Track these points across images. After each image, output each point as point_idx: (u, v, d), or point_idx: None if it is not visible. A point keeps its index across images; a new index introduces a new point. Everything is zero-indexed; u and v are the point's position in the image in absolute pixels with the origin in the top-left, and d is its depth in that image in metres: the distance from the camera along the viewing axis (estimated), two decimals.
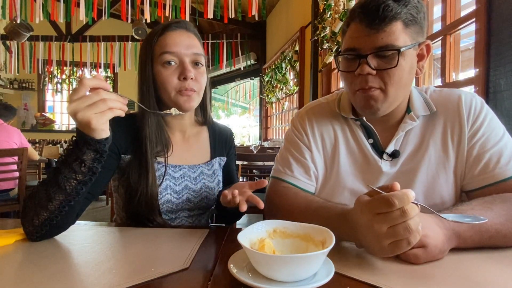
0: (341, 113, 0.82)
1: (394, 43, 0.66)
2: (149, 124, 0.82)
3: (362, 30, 0.68)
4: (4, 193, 2.60)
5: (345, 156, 0.80)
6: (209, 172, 0.92)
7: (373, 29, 0.66)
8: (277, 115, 5.44)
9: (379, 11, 0.65)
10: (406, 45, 0.67)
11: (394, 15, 0.65)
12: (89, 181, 0.62)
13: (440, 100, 0.77)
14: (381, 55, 0.67)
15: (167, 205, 0.84)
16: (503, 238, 0.58)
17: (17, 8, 3.93)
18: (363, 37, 0.67)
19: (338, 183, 0.79)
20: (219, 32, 6.00)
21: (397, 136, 0.76)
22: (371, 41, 0.67)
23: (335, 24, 2.56)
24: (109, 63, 5.57)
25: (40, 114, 6.60)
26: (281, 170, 0.83)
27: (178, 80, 0.80)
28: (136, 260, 0.54)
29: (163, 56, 0.80)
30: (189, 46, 0.82)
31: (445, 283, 0.46)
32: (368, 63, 0.67)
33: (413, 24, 0.68)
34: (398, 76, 0.68)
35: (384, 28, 0.66)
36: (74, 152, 0.60)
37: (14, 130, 2.76)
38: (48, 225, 0.62)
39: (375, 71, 0.68)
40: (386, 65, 0.67)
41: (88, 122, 0.56)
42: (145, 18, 3.68)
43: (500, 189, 0.67)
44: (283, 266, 0.44)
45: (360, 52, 0.68)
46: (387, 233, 0.49)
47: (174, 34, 0.82)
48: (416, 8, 0.67)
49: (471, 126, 0.73)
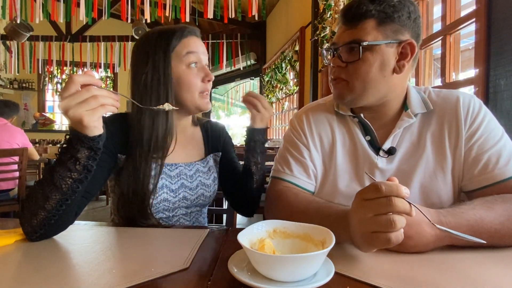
0: (340, 110, 0.83)
1: (362, 38, 0.71)
2: (154, 123, 0.82)
3: (341, 27, 0.76)
4: (4, 193, 2.60)
5: (342, 154, 0.81)
6: (204, 169, 0.93)
7: (347, 26, 0.74)
8: (277, 115, 5.43)
9: (352, 9, 0.72)
10: (378, 40, 0.70)
11: (365, 13, 0.71)
12: (84, 179, 0.62)
13: (438, 100, 0.78)
14: (349, 49, 0.73)
15: (164, 203, 0.84)
16: (503, 238, 0.58)
17: (17, 8, 3.93)
18: (340, 33, 0.75)
19: (335, 181, 0.80)
20: (219, 32, 5.99)
21: (394, 133, 0.77)
22: (344, 36, 0.74)
23: (335, 24, 2.55)
24: (109, 63, 5.56)
25: (40, 114, 6.60)
26: (280, 169, 0.84)
27: (202, 82, 0.83)
28: (136, 260, 0.54)
29: (189, 56, 0.82)
30: (204, 51, 0.87)
31: (445, 283, 0.46)
32: (339, 56, 0.74)
33: (389, 23, 0.71)
34: (364, 70, 0.72)
35: (356, 25, 0.72)
36: (68, 150, 0.60)
37: (17, 131, 2.75)
38: (47, 225, 0.62)
39: (345, 63, 0.73)
40: (352, 58, 0.72)
41: (80, 120, 0.56)
42: (145, 18, 3.67)
43: (499, 189, 0.67)
44: (283, 266, 0.44)
45: (335, 46, 0.76)
46: (370, 220, 0.49)
47: (194, 38, 0.86)
48: (393, 7, 0.71)
49: (468, 127, 0.73)
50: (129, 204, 0.80)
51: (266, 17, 4.89)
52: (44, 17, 3.85)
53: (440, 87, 1.69)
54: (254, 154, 0.93)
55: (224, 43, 5.21)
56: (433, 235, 0.56)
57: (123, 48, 5.32)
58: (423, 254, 0.56)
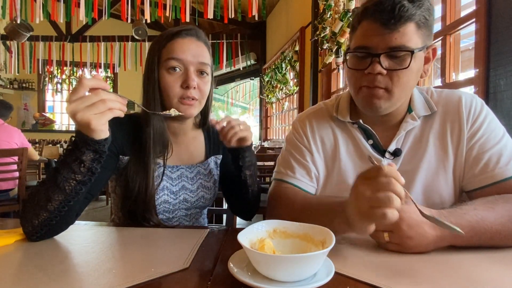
0: (339, 117, 0.82)
1: (407, 44, 0.65)
2: (153, 125, 0.82)
3: (376, 29, 0.66)
4: (4, 193, 2.60)
5: (345, 158, 0.81)
6: (205, 172, 0.93)
7: (387, 29, 0.65)
8: (277, 115, 5.44)
9: (395, 11, 0.64)
10: (418, 47, 0.67)
11: (409, 16, 0.64)
12: (88, 181, 0.62)
13: (440, 100, 0.77)
14: (393, 56, 0.67)
15: (164, 205, 0.85)
16: (504, 239, 0.58)
17: (17, 8, 3.93)
18: (377, 36, 0.66)
19: (339, 185, 0.80)
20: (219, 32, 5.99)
21: (399, 136, 0.76)
22: (385, 40, 0.66)
23: (335, 25, 2.56)
24: (109, 63, 5.57)
25: (40, 114, 6.60)
26: (282, 172, 0.84)
27: (180, 87, 0.80)
28: (136, 260, 0.54)
29: (168, 62, 0.80)
30: (196, 54, 0.81)
31: (445, 283, 0.46)
32: (380, 63, 0.67)
33: (425, 27, 0.67)
34: (407, 78, 0.68)
35: (398, 28, 0.65)
36: (73, 152, 0.60)
37: (14, 130, 2.76)
38: (48, 225, 0.62)
39: (386, 71, 0.67)
40: (397, 66, 0.67)
41: (87, 123, 0.56)
42: (145, 18, 3.68)
43: (500, 189, 0.67)
44: (283, 266, 0.44)
45: (372, 51, 0.67)
46: (368, 197, 0.50)
47: (183, 41, 0.82)
48: (428, 11, 0.67)
49: (470, 127, 0.73)
50: (134, 203, 0.80)
51: (266, 17, 4.90)
52: (44, 17, 3.86)
53: (440, 87, 1.69)
54: (250, 168, 0.89)
55: (224, 43, 5.21)
56: (434, 236, 0.56)
57: (123, 48, 5.32)
58: (423, 254, 0.56)
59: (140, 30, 4.49)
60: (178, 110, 0.80)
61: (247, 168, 0.88)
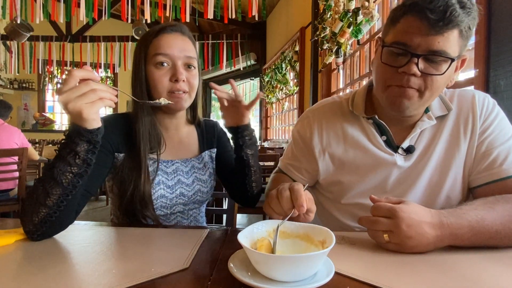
0: (354, 111, 0.83)
1: (448, 50, 0.64)
2: (143, 121, 0.84)
3: (421, 28, 0.63)
4: (4, 193, 2.60)
5: (356, 153, 0.81)
6: (200, 166, 0.95)
7: (432, 30, 0.62)
8: (277, 115, 5.43)
9: (446, 14, 0.61)
10: (455, 55, 0.65)
11: (458, 22, 0.62)
12: (84, 173, 0.63)
13: (455, 99, 0.78)
14: (431, 60, 0.65)
15: (161, 200, 0.85)
16: (503, 239, 0.58)
17: (17, 8, 3.93)
18: (419, 36, 0.64)
19: (350, 179, 0.81)
20: (219, 32, 5.99)
21: (414, 133, 0.77)
22: (427, 42, 0.63)
23: (335, 25, 2.56)
24: (109, 63, 5.57)
25: (40, 114, 6.60)
26: (280, 160, 0.93)
27: (169, 81, 0.82)
28: (136, 260, 0.54)
29: (156, 57, 0.81)
30: (183, 49, 0.83)
31: (445, 283, 0.46)
32: (417, 64, 0.65)
33: (466, 37, 0.66)
34: (440, 83, 0.67)
35: (443, 33, 0.63)
36: (67, 145, 0.61)
37: (14, 130, 2.76)
38: (48, 222, 0.62)
39: (421, 73, 0.65)
40: (433, 71, 0.66)
41: (79, 112, 0.57)
42: (145, 19, 3.68)
43: (504, 186, 0.68)
44: (283, 266, 0.44)
45: (411, 50, 0.65)
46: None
47: (169, 36, 0.84)
48: (474, 20, 0.65)
49: (482, 123, 0.74)
50: (131, 200, 0.80)
51: (266, 18, 4.90)
52: (44, 17, 3.85)
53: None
54: (251, 147, 0.93)
55: (224, 43, 5.21)
56: (434, 236, 0.56)
57: (123, 48, 5.32)
58: (423, 255, 0.56)
59: (140, 30, 4.49)
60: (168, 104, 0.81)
61: (248, 147, 0.92)
